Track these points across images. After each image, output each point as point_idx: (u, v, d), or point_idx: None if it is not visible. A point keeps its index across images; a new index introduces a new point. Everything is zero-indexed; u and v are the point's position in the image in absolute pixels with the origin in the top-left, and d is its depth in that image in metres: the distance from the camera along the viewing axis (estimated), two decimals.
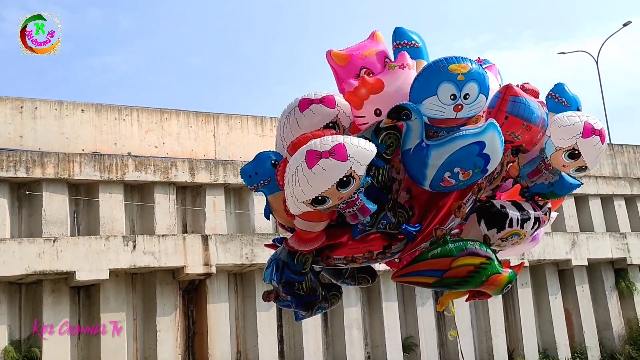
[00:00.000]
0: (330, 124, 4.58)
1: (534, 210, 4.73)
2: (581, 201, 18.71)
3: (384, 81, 4.40)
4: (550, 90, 4.99)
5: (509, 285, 4.62)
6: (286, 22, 55.99)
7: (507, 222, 4.57)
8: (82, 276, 12.34)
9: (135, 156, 13.90)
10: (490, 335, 16.64)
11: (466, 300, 4.90)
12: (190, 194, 14.53)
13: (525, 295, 17.23)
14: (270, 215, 4.80)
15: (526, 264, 16.78)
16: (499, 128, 4.30)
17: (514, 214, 4.61)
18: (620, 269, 18.68)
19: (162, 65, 52.02)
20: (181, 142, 14.99)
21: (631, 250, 18.48)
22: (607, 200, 19.23)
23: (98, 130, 14.11)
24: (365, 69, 4.65)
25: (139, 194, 13.94)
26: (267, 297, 4.89)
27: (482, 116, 4.46)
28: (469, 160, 4.22)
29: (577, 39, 59.16)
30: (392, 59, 4.73)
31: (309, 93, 4.88)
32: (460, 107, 4.16)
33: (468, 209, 4.56)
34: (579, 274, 18.06)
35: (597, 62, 31.65)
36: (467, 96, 4.15)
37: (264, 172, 4.63)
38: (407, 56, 4.55)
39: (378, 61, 4.71)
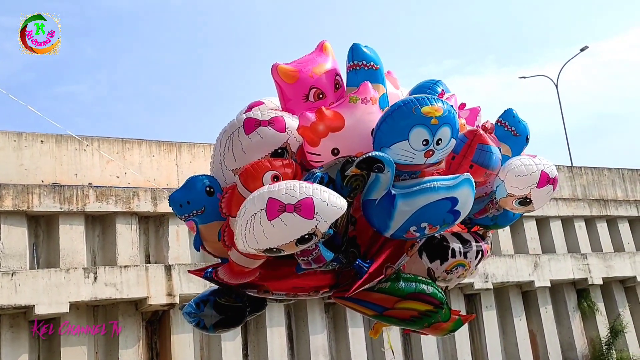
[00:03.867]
0: (279, 150, 4.04)
1: (476, 242, 4.60)
2: (542, 223, 19.00)
3: (344, 117, 3.90)
4: (500, 117, 4.67)
5: (453, 332, 4.43)
6: (248, 50, 56.22)
7: (450, 252, 4.36)
8: (41, 310, 12.08)
9: (97, 187, 13.74)
10: (457, 358, 16.68)
11: (404, 333, 4.70)
12: (152, 224, 14.38)
13: (490, 318, 17.34)
14: (201, 247, 4.27)
15: (490, 286, 16.97)
16: (473, 183, 3.94)
17: (455, 245, 4.43)
18: (582, 289, 18.94)
19: (125, 94, 51.73)
20: (143, 171, 14.86)
21: (592, 271, 18.78)
22: (567, 222, 19.56)
23: (58, 162, 13.92)
24: (315, 89, 4.19)
25: (100, 224, 13.77)
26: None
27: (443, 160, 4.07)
28: (438, 216, 3.86)
29: (538, 63, 60.65)
30: (343, 77, 4.26)
31: (254, 110, 4.27)
32: (431, 152, 3.79)
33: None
34: (542, 295, 18.27)
35: (556, 86, 32.44)
36: (440, 141, 3.77)
37: (198, 201, 4.15)
38: (370, 88, 4.04)
39: (328, 80, 4.23)
